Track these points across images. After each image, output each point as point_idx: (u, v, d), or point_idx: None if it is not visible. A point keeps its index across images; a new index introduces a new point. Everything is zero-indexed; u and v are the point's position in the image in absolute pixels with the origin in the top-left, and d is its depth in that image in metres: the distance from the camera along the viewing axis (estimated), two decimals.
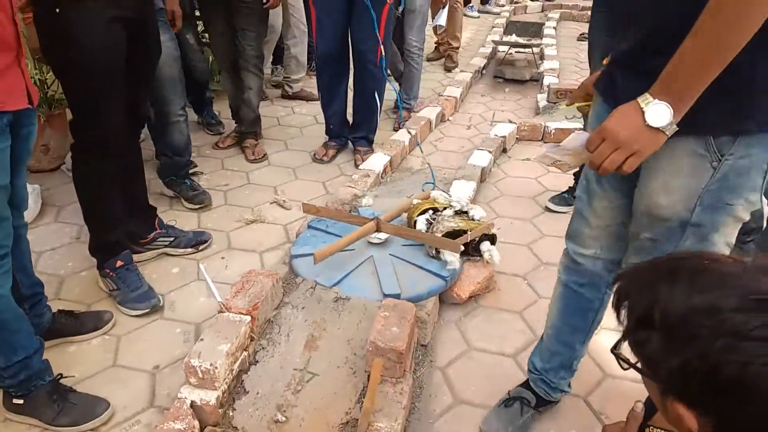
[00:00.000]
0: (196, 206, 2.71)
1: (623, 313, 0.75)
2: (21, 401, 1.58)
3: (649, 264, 0.78)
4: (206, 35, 3.52)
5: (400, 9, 3.59)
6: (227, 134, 3.48)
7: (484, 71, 4.97)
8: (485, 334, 1.96)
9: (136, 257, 2.18)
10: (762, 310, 0.62)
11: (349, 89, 3.25)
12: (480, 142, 3.31)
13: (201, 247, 2.39)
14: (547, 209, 2.74)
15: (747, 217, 1.16)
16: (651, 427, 0.90)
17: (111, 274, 2.06)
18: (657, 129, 0.97)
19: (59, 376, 1.64)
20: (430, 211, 2.23)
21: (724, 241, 1.16)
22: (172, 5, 2.49)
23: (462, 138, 3.64)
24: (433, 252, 2.09)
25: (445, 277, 2.01)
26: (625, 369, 0.79)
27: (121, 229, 2.11)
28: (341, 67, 3.12)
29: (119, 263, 2.06)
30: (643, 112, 0.97)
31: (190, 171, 2.83)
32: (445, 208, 2.23)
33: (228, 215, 2.69)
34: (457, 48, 5.21)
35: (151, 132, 2.71)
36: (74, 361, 1.79)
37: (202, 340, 1.65)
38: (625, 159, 1.02)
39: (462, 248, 2.03)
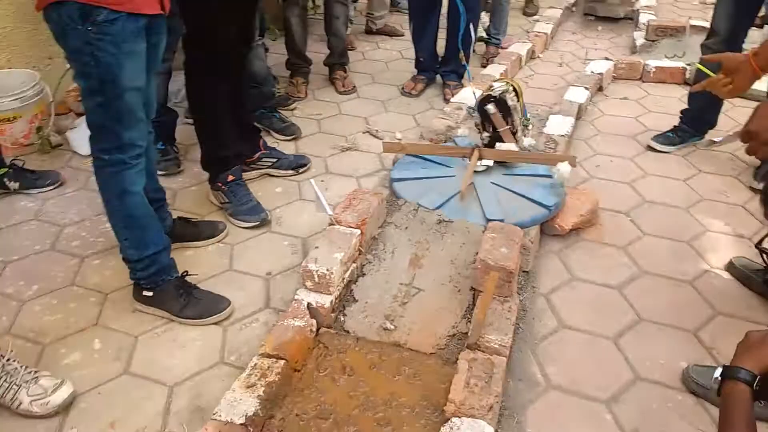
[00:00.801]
0: (288, 137, 2.75)
1: None
2: (150, 293, 1.70)
3: None
4: None
5: None
6: (293, 83, 3.22)
7: (574, 8, 4.74)
8: (588, 266, 1.95)
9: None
10: None
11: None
12: (575, 79, 3.19)
13: (301, 170, 2.46)
14: (650, 148, 2.64)
15: None
16: None
17: (223, 187, 2.15)
18: None
19: (185, 273, 1.76)
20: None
21: None
22: None
23: (554, 75, 3.52)
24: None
25: (549, 206, 1.99)
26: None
27: (231, 145, 2.19)
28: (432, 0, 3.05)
29: (231, 177, 2.15)
30: None
31: (288, 105, 2.89)
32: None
33: (323, 142, 2.74)
34: None
35: None
36: (193, 264, 1.90)
37: (317, 247, 1.72)
38: None
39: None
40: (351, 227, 1.81)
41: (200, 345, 1.64)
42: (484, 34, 3.80)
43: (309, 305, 1.63)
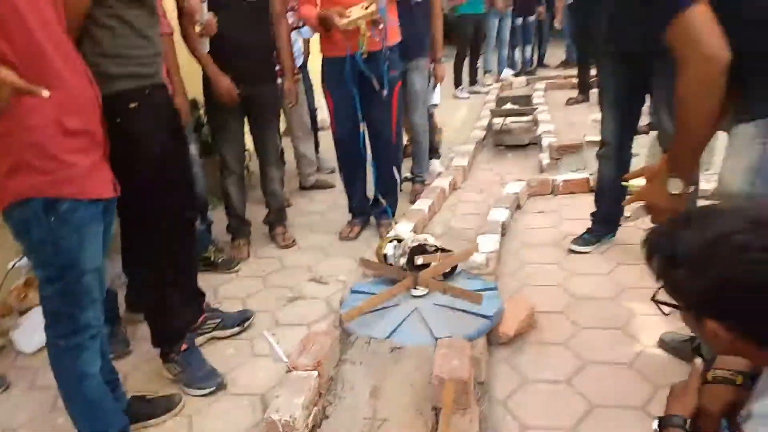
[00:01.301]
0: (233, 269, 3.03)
1: (654, 263, 0.93)
2: None
3: (668, 220, 0.95)
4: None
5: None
6: (236, 245, 3.35)
7: (484, 141, 5.28)
8: (536, 366, 2.05)
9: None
10: (756, 229, 0.81)
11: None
12: (495, 201, 3.51)
13: (246, 324, 2.51)
14: (571, 251, 2.89)
15: None
16: (713, 370, 1.03)
17: (176, 358, 2.17)
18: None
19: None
20: (395, 241, 2.53)
21: None
22: (181, 103, 2.67)
23: (476, 202, 3.84)
24: None
25: (490, 316, 2.13)
26: (666, 314, 0.94)
27: (181, 315, 2.25)
28: (359, 148, 3.35)
29: (184, 346, 2.18)
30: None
31: (231, 267, 3.09)
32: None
33: (270, 297, 2.84)
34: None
35: None
36: None
37: (277, 397, 1.76)
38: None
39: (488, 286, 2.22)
40: (308, 370, 1.87)
41: None
42: (409, 174, 4.18)
43: None
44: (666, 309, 0.95)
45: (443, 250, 2.49)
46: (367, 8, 2.83)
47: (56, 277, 1.50)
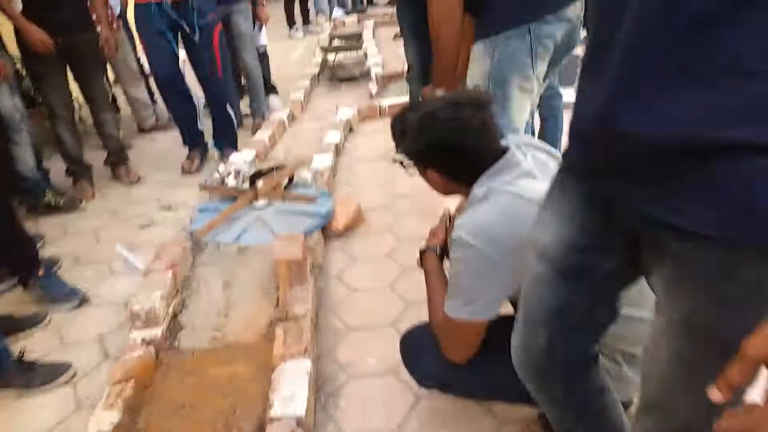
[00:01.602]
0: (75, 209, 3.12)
1: (394, 136, 1.34)
2: None
3: (400, 111, 1.36)
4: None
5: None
6: (81, 186, 3.42)
7: (319, 78, 5.59)
8: (363, 248, 2.51)
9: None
10: (450, 107, 1.24)
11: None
12: (330, 126, 3.88)
13: (55, 269, 2.55)
14: (394, 161, 3.35)
15: (531, 88, 1.84)
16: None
17: (36, 283, 2.30)
18: None
19: (22, 353, 1.91)
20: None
21: (515, 107, 1.82)
22: None
23: (314, 129, 4.18)
24: None
25: (322, 215, 2.53)
26: (410, 174, 1.37)
27: (31, 243, 2.36)
28: (181, 84, 3.47)
29: (41, 272, 2.32)
30: None
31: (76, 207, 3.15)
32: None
33: (121, 226, 2.99)
34: None
35: None
36: (27, 349, 2.04)
37: (136, 295, 2.02)
38: None
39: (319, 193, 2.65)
40: (163, 271, 2.14)
41: (55, 402, 1.82)
42: (248, 111, 4.39)
43: (143, 340, 1.91)
44: (405, 165, 1.38)
45: (278, 168, 2.82)
46: None
47: None
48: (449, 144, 1.25)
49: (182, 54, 3.49)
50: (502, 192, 1.22)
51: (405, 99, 4.22)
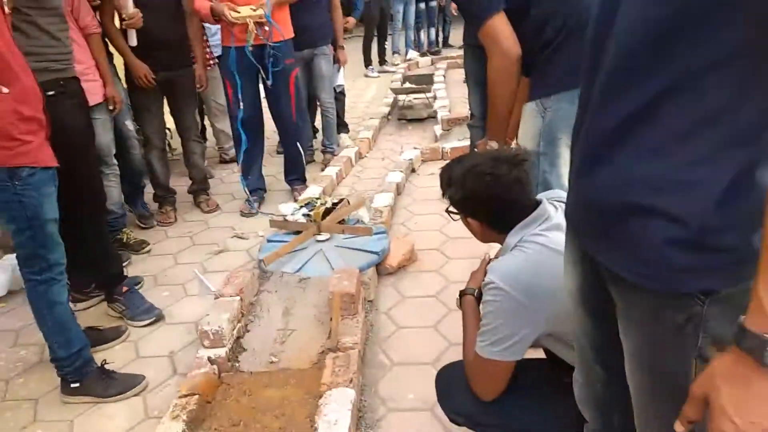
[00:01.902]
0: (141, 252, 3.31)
1: (441, 186, 1.49)
2: (77, 384, 2.10)
3: (449, 162, 1.51)
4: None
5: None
6: (165, 210, 3.74)
7: (389, 117, 5.85)
8: (413, 287, 2.66)
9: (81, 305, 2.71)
10: (491, 162, 1.38)
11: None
12: (393, 166, 4.09)
13: (137, 288, 2.79)
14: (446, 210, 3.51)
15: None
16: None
17: (119, 299, 2.60)
18: None
19: (104, 362, 2.18)
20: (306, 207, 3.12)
21: (563, 163, 1.94)
22: (112, 92, 3.01)
23: (379, 168, 4.41)
24: None
25: (377, 252, 2.71)
26: (455, 220, 1.52)
27: (118, 261, 2.68)
28: (253, 129, 3.70)
29: (125, 289, 2.61)
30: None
31: (143, 249, 3.35)
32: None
33: (198, 252, 3.29)
34: None
35: None
36: (105, 358, 2.32)
37: (208, 315, 2.25)
38: None
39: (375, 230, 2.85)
40: (232, 296, 2.37)
41: (126, 412, 2.06)
42: (321, 147, 4.70)
43: (209, 358, 2.13)
44: (453, 216, 1.53)
45: (339, 203, 3.04)
46: (255, 10, 3.32)
47: (25, 228, 1.90)
48: (486, 195, 1.39)
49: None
50: (531, 242, 1.35)
51: (467, 144, 4.39)
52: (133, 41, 3.21)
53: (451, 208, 1.51)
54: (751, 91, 0.70)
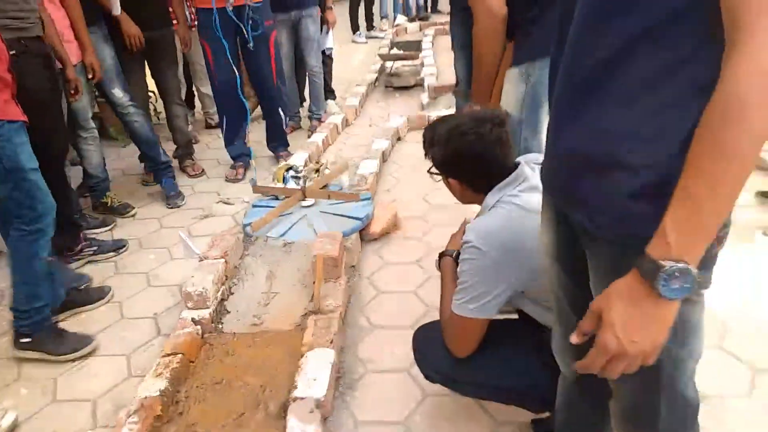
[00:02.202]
0: (109, 226, 3.18)
1: (424, 146, 1.52)
2: (29, 339, 2.12)
3: (432, 122, 1.54)
4: None
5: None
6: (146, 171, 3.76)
7: (376, 83, 5.81)
8: (396, 254, 2.70)
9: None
10: (472, 121, 1.41)
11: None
12: (379, 134, 4.09)
13: (121, 251, 2.87)
14: (428, 172, 3.53)
15: None
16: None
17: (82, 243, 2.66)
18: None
19: (56, 321, 2.21)
20: (291, 171, 3.12)
21: (545, 129, 1.96)
22: (90, 58, 2.92)
23: (365, 135, 4.41)
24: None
25: (361, 218, 2.74)
26: (437, 180, 1.55)
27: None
28: (237, 95, 3.55)
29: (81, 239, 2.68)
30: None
31: (127, 212, 3.34)
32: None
33: (184, 216, 3.30)
34: None
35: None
36: (92, 321, 2.36)
37: (192, 277, 2.28)
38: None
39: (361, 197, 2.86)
40: (217, 258, 2.40)
41: (110, 370, 2.10)
42: (308, 112, 4.67)
43: (193, 319, 2.17)
44: (435, 176, 1.56)
45: (321, 169, 3.06)
46: None
47: (6, 179, 1.90)
48: (468, 155, 1.42)
49: None
50: (508, 203, 1.40)
51: (451, 111, 4.39)
52: (116, 8, 3.11)
53: (434, 169, 1.54)
54: (707, 42, 0.74)
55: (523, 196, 1.40)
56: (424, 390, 1.86)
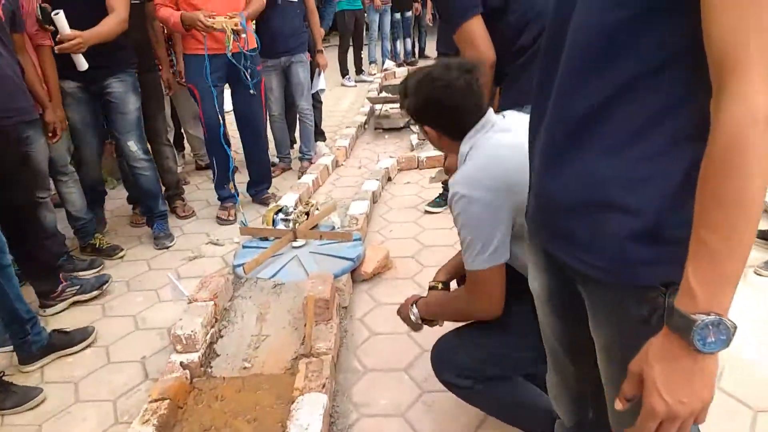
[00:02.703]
0: (97, 269, 3.12)
1: (400, 99, 1.55)
2: None
3: (406, 75, 1.57)
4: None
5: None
6: (136, 213, 3.78)
7: (366, 126, 5.88)
8: (387, 294, 2.68)
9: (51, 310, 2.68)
10: (442, 69, 1.44)
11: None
12: (369, 175, 4.12)
13: (105, 287, 2.83)
14: (426, 212, 3.56)
15: None
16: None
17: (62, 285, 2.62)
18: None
19: (2, 374, 2.13)
20: (280, 213, 3.10)
21: None
22: (51, 117, 2.78)
23: (355, 176, 4.44)
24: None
25: (352, 258, 2.73)
26: (415, 132, 1.61)
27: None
28: (222, 139, 3.55)
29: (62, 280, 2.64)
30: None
31: (115, 254, 3.30)
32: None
33: (173, 258, 3.26)
34: None
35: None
36: (75, 366, 2.29)
37: (181, 320, 2.24)
38: None
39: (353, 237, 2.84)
40: (206, 301, 2.37)
41: (96, 416, 2.04)
42: (299, 154, 4.71)
43: (182, 363, 2.12)
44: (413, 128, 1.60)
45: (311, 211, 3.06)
46: (231, 18, 3.28)
47: None
48: (438, 101, 1.45)
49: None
50: (481, 146, 1.45)
51: (441, 153, 4.44)
52: (83, 65, 2.81)
53: (411, 121, 1.58)
54: (695, 89, 0.75)
55: (495, 136, 1.45)
56: None
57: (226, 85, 3.66)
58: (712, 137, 0.70)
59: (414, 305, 1.70)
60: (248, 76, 3.50)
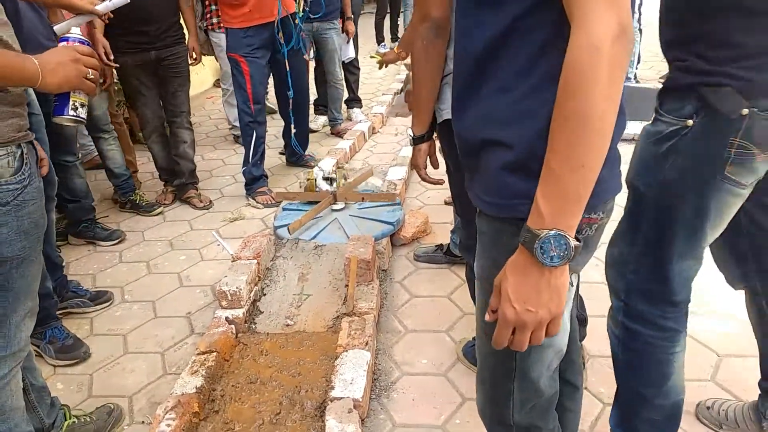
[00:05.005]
0: (114, 242, 3.04)
1: None
2: None
3: None
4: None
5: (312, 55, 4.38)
6: (163, 191, 3.59)
7: (402, 92, 5.82)
8: None
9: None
10: None
11: None
12: (406, 141, 4.09)
13: (99, 307, 2.48)
14: None
15: None
16: None
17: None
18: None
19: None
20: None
21: None
22: None
23: (392, 143, 4.41)
24: None
25: (392, 222, 2.73)
26: None
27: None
28: (264, 115, 3.51)
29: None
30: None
31: (153, 211, 3.36)
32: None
33: (214, 218, 3.31)
34: None
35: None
36: (122, 319, 2.37)
37: (226, 276, 2.28)
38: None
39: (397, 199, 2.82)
40: (249, 259, 2.41)
41: (143, 367, 2.11)
42: (329, 122, 4.72)
43: (227, 318, 2.17)
44: None
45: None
46: None
47: None
48: None
49: None
50: None
51: None
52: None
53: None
54: (565, 29, 0.76)
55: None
56: (462, 395, 1.83)
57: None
58: (563, 66, 0.74)
59: None
60: (302, 41, 3.46)
